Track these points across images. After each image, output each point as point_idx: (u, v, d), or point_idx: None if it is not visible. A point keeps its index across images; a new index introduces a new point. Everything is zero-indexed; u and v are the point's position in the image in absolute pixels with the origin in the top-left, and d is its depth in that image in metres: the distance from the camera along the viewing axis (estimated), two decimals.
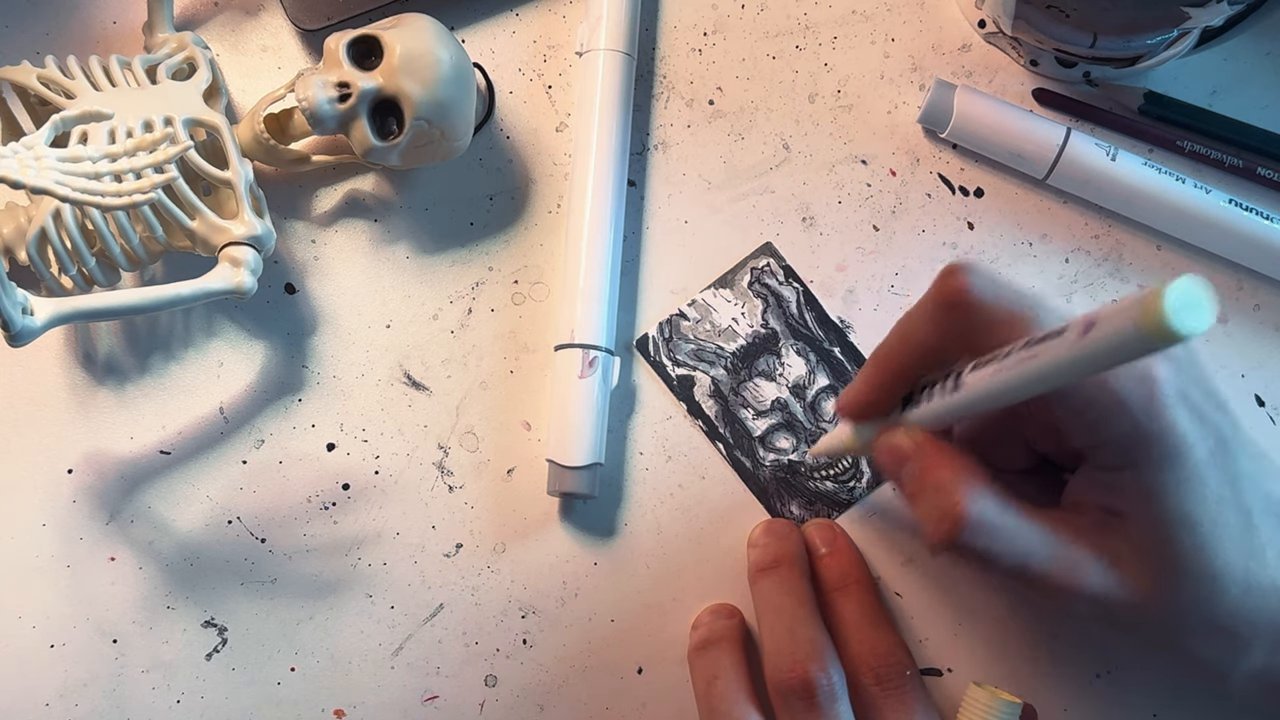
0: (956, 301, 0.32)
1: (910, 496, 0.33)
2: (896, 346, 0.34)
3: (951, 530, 0.31)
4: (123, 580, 0.41)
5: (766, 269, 0.43)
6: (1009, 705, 0.38)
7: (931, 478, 0.32)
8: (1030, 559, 0.32)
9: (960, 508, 0.31)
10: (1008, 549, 0.32)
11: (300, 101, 0.38)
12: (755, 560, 0.40)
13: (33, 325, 0.32)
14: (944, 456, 0.33)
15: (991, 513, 0.32)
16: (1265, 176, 0.43)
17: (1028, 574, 0.32)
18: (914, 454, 0.33)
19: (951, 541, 0.32)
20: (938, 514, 0.32)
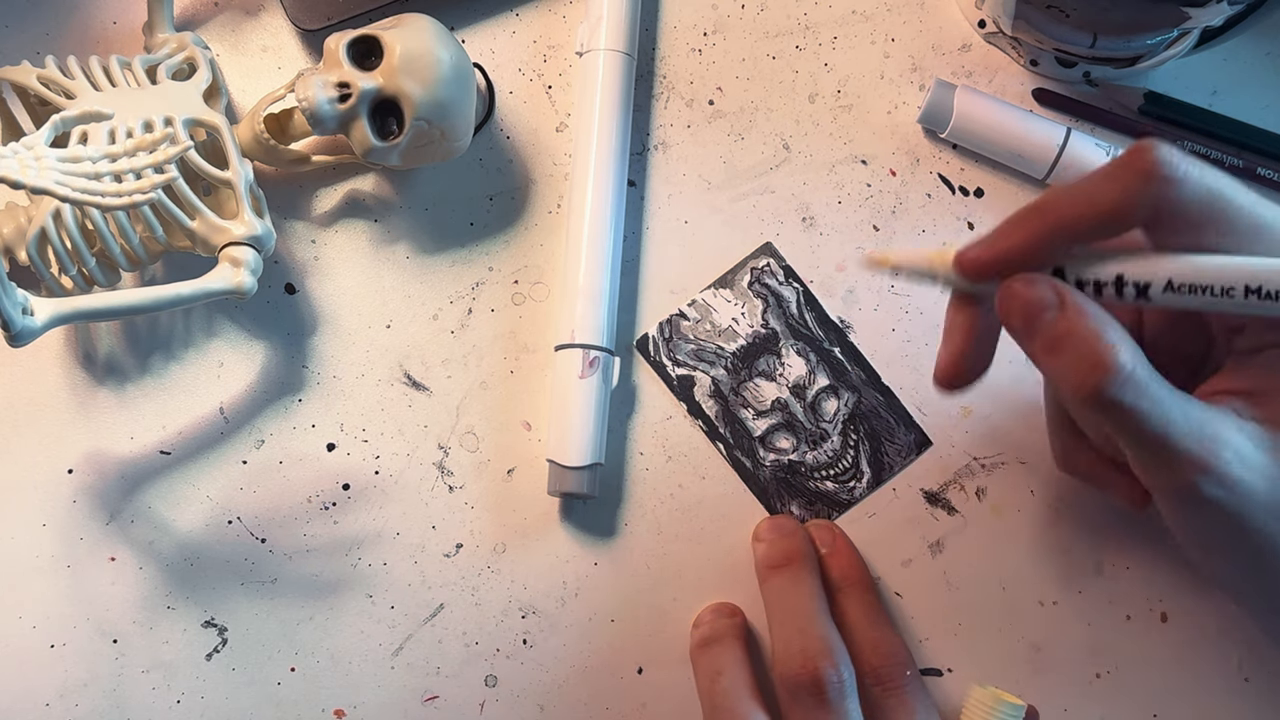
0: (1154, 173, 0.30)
1: (1046, 347, 0.31)
2: (1073, 200, 0.31)
3: (1102, 379, 0.29)
4: (123, 580, 0.41)
5: (767, 269, 0.43)
6: (1012, 707, 0.38)
7: (1080, 324, 0.30)
8: (1171, 426, 0.30)
9: (1114, 356, 0.30)
10: (1153, 410, 0.30)
11: (300, 101, 0.38)
12: (764, 557, 0.40)
13: (33, 325, 0.32)
14: (1093, 308, 0.30)
15: (1142, 370, 0.30)
16: (1265, 176, 0.43)
17: (1167, 442, 0.30)
18: (1057, 303, 0.31)
19: (1099, 391, 0.30)
20: (1087, 361, 0.30)
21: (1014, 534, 0.42)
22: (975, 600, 0.41)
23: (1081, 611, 0.41)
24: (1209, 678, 0.41)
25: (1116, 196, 0.30)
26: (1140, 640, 0.41)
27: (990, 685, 0.39)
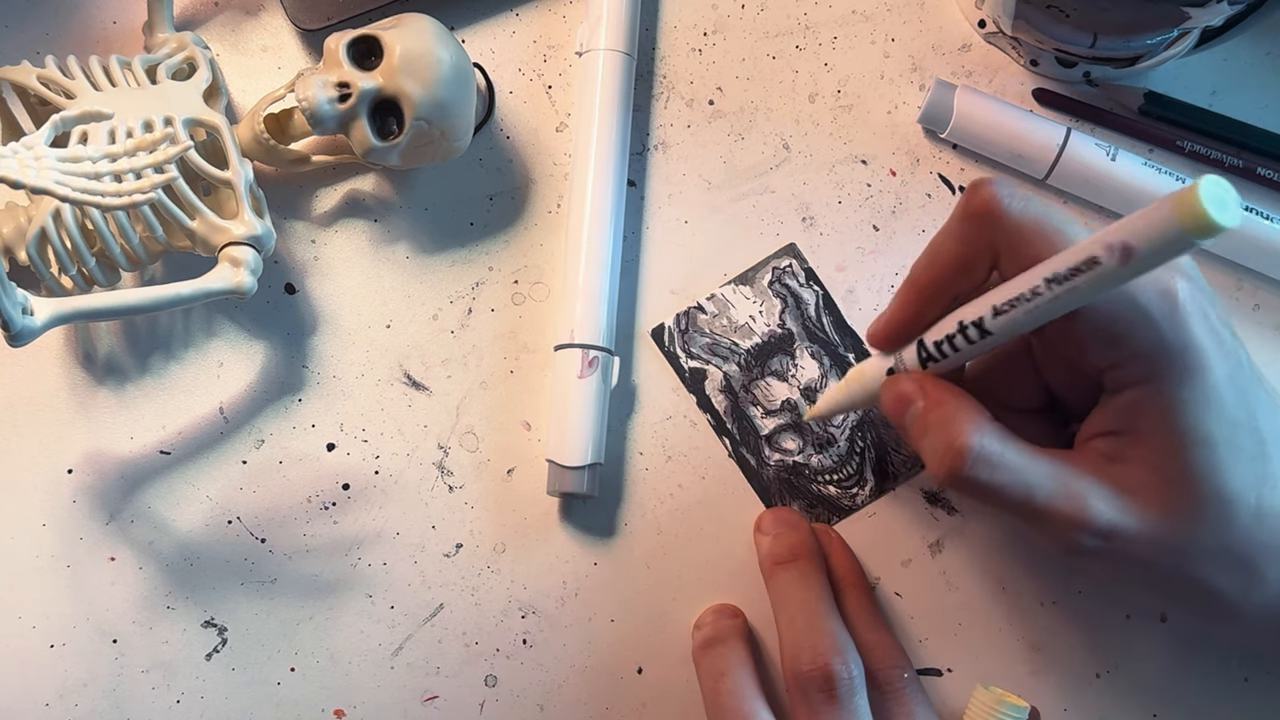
0: (984, 213, 0.32)
1: (915, 436, 0.34)
2: (927, 265, 0.34)
3: (955, 463, 0.32)
4: (123, 580, 0.41)
5: (788, 270, 0.43)
6: (1015, 708, 0.38)
7: (935, 415, 0.33)
8: (1034, 491, 0.32)
9: (963, 441, 0.32)
10: (1011, 481, 0.32)
11: (300, 101, 0.38)
12: (771, 551, 0.40)
13: (33, 325, 0.32)
14: (947, 395, 0.33)
15: (994, 446, 0.32)
16: (1265, 176, 0.43)
17: (1032, 507, 0.32)
18: (918, 395, 0.33)
19: (956, 475, 0.32)
20: (942, 448, 0.32)
21: (1014, 534, 0.42)
22: (975, 600, 0.41)
23: (1081, 611, 0.41)
24: (1209, 678, 0.41)
25: (956, 250, 0.33)
26: (1140, 640, 0.41)
27: (993, 686, 0.39)
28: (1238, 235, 0.42)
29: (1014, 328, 0.31)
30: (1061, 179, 0.42)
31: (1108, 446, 0.33)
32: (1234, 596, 0.34)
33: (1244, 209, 0.26)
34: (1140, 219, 0.27)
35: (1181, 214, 0.26)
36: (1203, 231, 0.26)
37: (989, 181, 0.32)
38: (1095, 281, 0.28)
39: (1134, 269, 0.28)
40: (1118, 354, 0.32)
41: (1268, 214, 0.42)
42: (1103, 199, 0.43)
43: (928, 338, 0.34)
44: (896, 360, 0.35)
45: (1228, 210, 0.25)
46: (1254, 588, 0.33)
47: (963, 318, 0.33)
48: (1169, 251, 0.27)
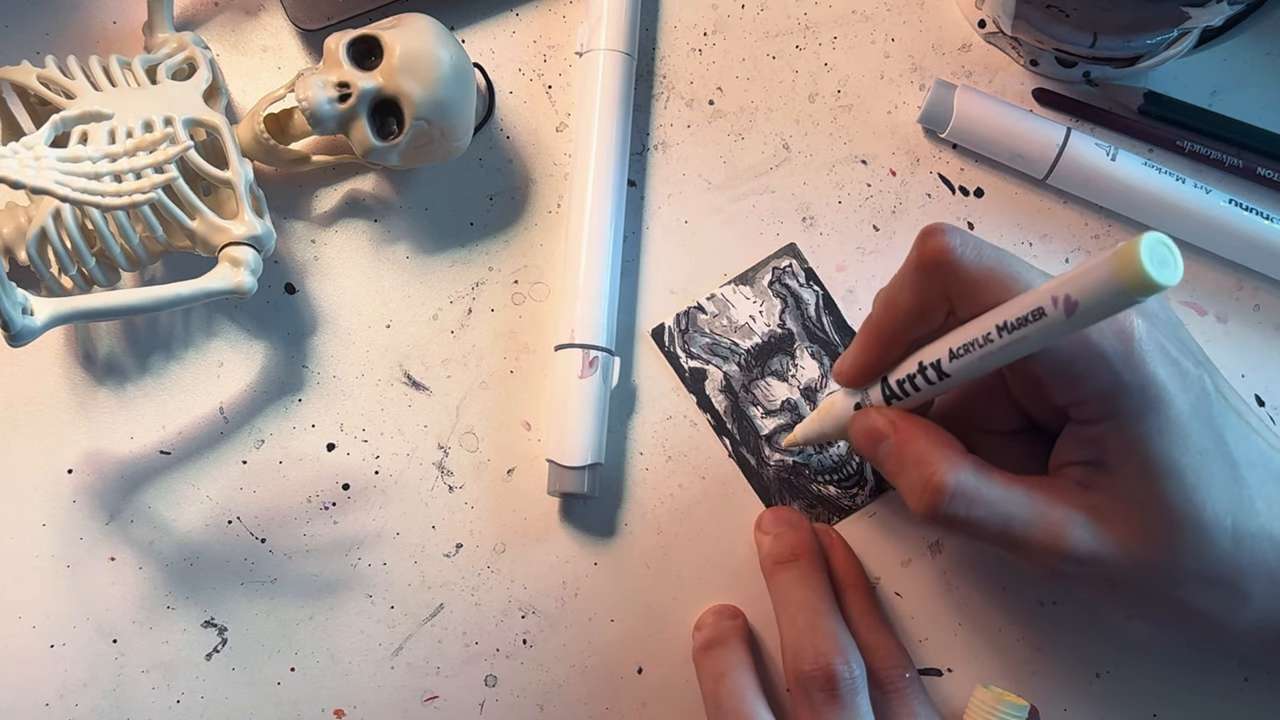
0: (937, 262, 0.32)
1: (891, 473, 0.34)
2: (883, 311, 0.34)
3: (934, 500, 0.32)
4: (123, 580, 0.41)
5: (789, 270, 0.43)
6: (1015, 707, 0.38)
7: (909, 452, 0.33)
8: (1012, 522, 0.32)
9: (938, 478, 0.32)
10: (989, 514, 0.32)
11: (300, 101, 0.38)
12: (771, 551, 0.40)
13: (33, 325, 0.32)
14: (919, 431, 0.34)
15: (970, 481, 0.32)
16: (1265, 176, 0.43)
17: (1011, 537, 0.33)
18: (889, 431, 0.34)
19: (934, 511, 0.32)
20: (919, 487, 0.33)
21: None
22: (975, 600, 0.41)
23: (1081, 611, 0.41)
24: (1209, 678, 0.41)
25: (912, 298, 0.33)
26: (1140, 640, 0.41)
27: (993, 686, 0.39)
28: (1238, 235, 0.42)
29: (970, 371, 0.32)
30: (1061, 179, 0.42)
31: (1081, 475, 0.33)
32: (1220, 617, 0.34)
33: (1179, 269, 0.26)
34: (1084, 273, 0.27)
35: (1121, 271, 0.26)
36: (1142, 289, 0.26)
37: (940, 230, 0.32)
38: (1042, 331, 0.29)
39: (1078, 322, 0.28)
40: (1077, 393, 0.32)
41: (1268, 214, 0.42)
42: (1103, 199, 0.43)
43: (891, 377, 0.35)
44: (863, 396, 0.36)
45: (1168, 268, 0.26)
46: (1240, 608, 0.34)
47: (923, 359, 0.33)
48: (1111, 306, 0.27)
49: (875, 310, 0.35)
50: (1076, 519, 0.32)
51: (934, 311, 0.33)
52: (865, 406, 0.36)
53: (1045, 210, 0.43)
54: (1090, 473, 0.33)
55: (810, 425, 0.39)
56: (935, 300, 0.33)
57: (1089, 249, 0.43)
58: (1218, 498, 0.32)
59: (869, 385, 0.36)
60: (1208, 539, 0.32)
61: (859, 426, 0.35)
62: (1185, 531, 0.32)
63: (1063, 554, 0.32)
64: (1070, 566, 0.33)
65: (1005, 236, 0.43)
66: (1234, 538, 0.32)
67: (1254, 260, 0.42)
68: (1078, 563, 0.32)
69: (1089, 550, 0.32)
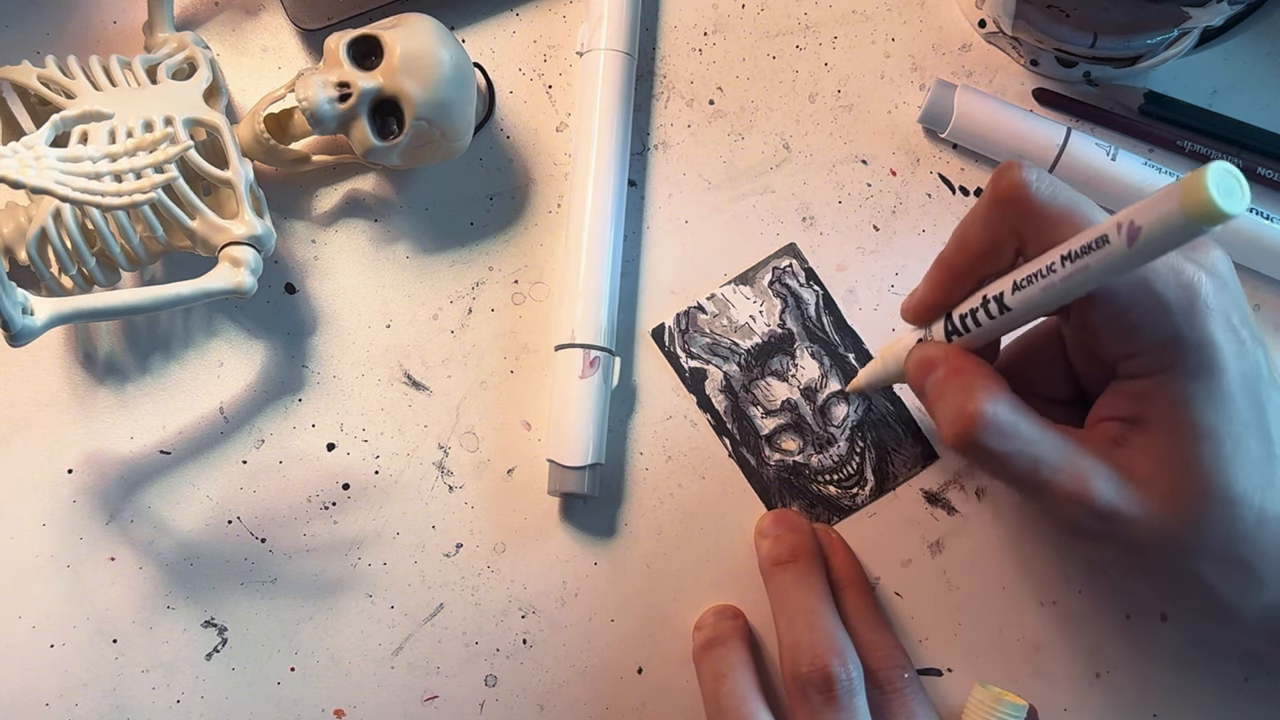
0: (1012, 198, 0.32)
1: (933, 401, 0.34)
2: (955, 247, 0.34)
3: (967, 428, 0.32)
4: (123, 580, 0.41)
5: (789, 269, 0.43)
6: (1013, 706, 0.38)
7: (953, 381, 0.33)
8: (1040, 464, 0.32)
9: (976, 406, 0.32)
10: (1019, 450, 0.32)
11: (300, 101, 0.38)
12: (770, 553, 0.40)
13: (33, 325, 0.32)
14: (967, 363, 0.33)
15: (1005, 415, 0.32)
16: (1265, 176, 0.43)
17: (1037, 479, 0.32)
18: (940, 361, 0.34)
19: (966, 438, 0.32)
20: (954, 413, 0.32)
21: (1014, 534, 0.42)
22: (975, 600, 0.41)
23: (1081, 611, 0.41)
24: (1209, 678, 0.41)
25: (984, 234, 0.33)
26: (1140, 640, 0.41)
27: (991, 685, 0.39)
28: (1238, 235, 0.42)
29: (1031, 304, 0.31)
30: (1061, 179, 0.41)
31: (1116, 430, 0.33)
32: (1231, 598, 0.34)
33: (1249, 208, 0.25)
34: (1151, 202, 0.27)
35: (1186, 199, 0.25)
36: (1208, 218, 0.25)
37: (1016, 166, 0.32)
38: (1105, 261, 0.28)
39: (1141, 251, 0.27)
40: (1133, 343, 0.32)
41: (1268, 214, 0.42)
42: (1103, 199, 0.43)
43: (955, 311, 0.35)
44: (926, 334, 0.36)
45: (1234, 197, 0.25)
46: (1252, 591, 0.33)
47: (987, 292, 0.33)
48: (1176, 236, 0.27)
49: (948, 246, 0.35)
50: (1103, 471, 0.32)
51: (1005, 248, 0.33)
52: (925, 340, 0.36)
53: None
54: (1126, 429, 0.33)
55: (874, 367, 0.39)
56: (1007, 236, 0.33)
57: None
58: (1250, 474, 0.32)
59: (933, 322, 0.36)
60: (1233, 514, 0.32)
61: (915, 357, 0.35)
62: (1212, 502, 0.32)
63: (1085, 504, 0.32)
64: (1090, 519, 0.32)
65: None
66: (1259, 518, 0.32)
67: (1254, 260, 0.42)
68: (1098, 516, 0.32)
69: (1111, 505, 0.32)
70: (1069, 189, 0.32)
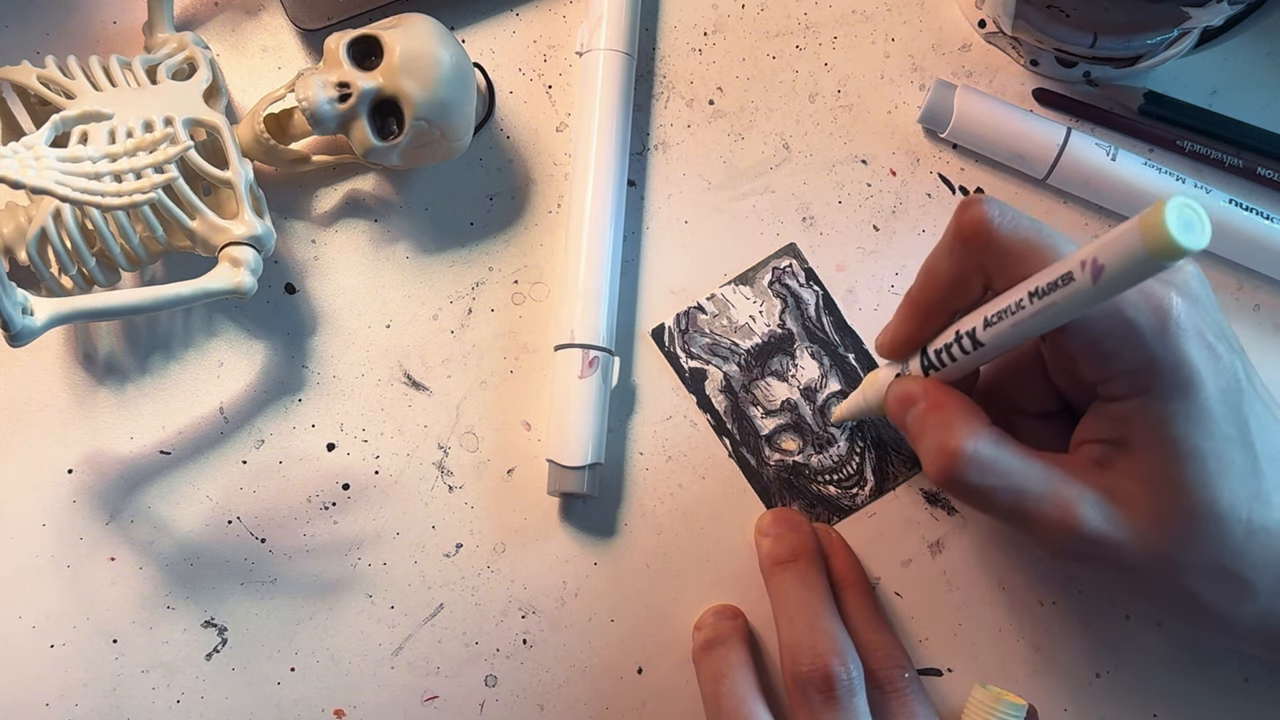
0: (976, 233, 0.32)
1: (914, 437, 0.34)
2: (923, 283, 0.35)
3: (948, 464, 0.32)
4: (123, 580, 0.41)
5: (788, 270, 0.43)
6: (1013, 706, 0.38)
7: (934, 417, 0.33)
8: (1025, 495, 0.32)
9: (956, 443, 0.32)
10: (1002, 484, 0.32)
11: (300, 101, 0.38)
12: (771, 552, 0.40)
13: (33, 325, 0.32)
14: (947, 398, 0.34)
15: (987, 449, 0.32)
16: (1265, 176, 0.43)
17: (1022, 510, 0.32)
18: (920, 397, 0.34)
19: (948, 474, 0.32)
20: (935, 450, 0.33)
21: (1014, 534, 0.41)
22: (975, 600, 0.41)
23: (1081, 611, 0.41)
24: (1209, 678, 0.41)
25: (950, 270, 0.34)
26: (1140, 640, 0.41)
27: (991, 685, 0.39)
28: (1238, 235, 0.42)
29: (1003, 340, 0.32)
30: (1061, 179, 0.42)
31: (1099, 453, 0.33)
32: (1224, 610, 0.34)
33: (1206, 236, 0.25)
34: (1113, 238, 0.27)
35: (1146, 235, 0.25)
36: (1168, 254, 0.25)
37: (979, 201, 0.32)
38: (1071, 298, 0.29)
39: (1106, 288, 0.27)
40: (1109, 368, 0.32)
41: (1268, 214, 0.42)
42: (1103, 199, 0.43)
43: (930, 347, 0.35)
44: (904, 368, 0.36)
45: (1194, 232, 0.25)
46: (1245, 601, 0.33)
47: (960, 328, 0.33)
48: (1137, 272, 0.27)
49: (914, 283, 0.35)
50: (1089, 497, 0.32)
51: (972, 282, 0.33)
52: (903, 375, 0.36)
53: (1045, 210, 0.43)
54: (1109, 451, 0.33)
55: (854, 399, 0.39)
56: (973, 271, 0.33)
57: None
58: (1235, 488, 0.32)
59: (909, 357, 0.36)
60: (1221, 529, 0.32)
61: (894, 393, 0.35)
62: (1199, 519, 0.32)
63: (1071, 532, 0.32)
64: (1078, 545, 0.32)
65: None
66: (1247, 530, 0.32)
67: (1254, 260, 0.42)
68: (1086, 542, 0.32)
69: (1098, 530, 0.32)
70: (1032, 221, 0.32)
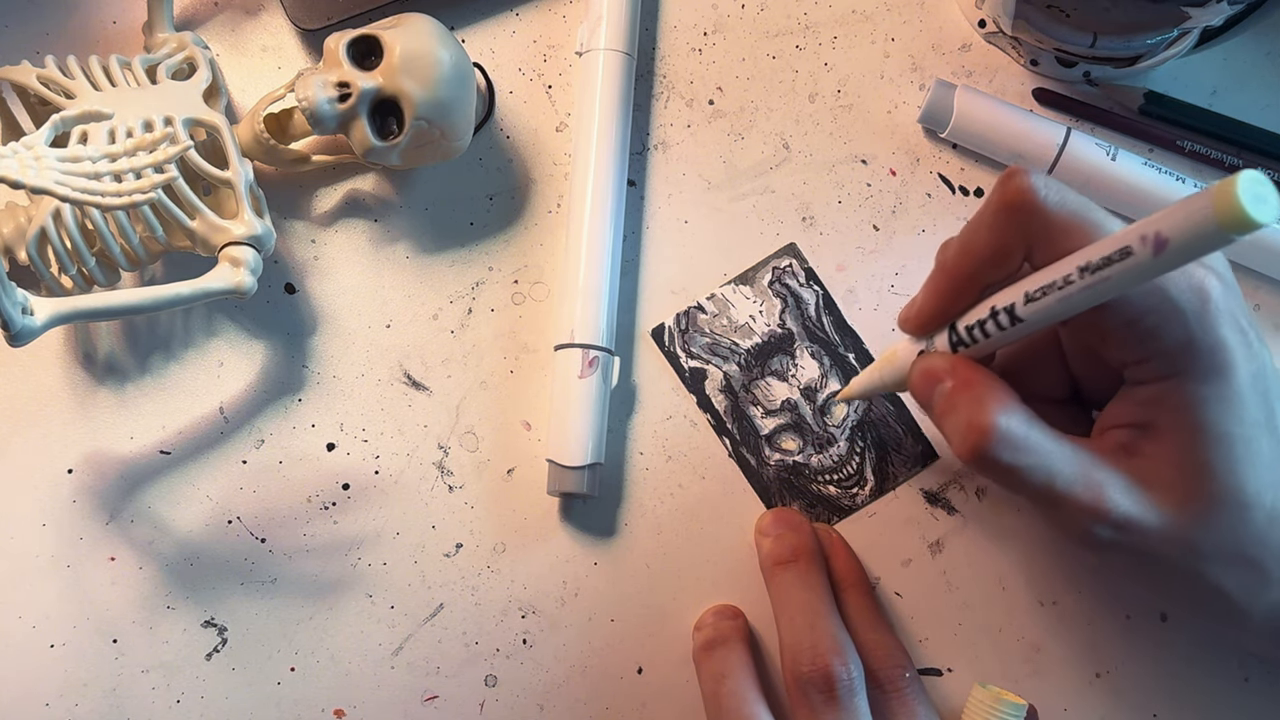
0: (1019, 204, 0.32)
1: (941, 414, 0.33)
2: (960, 254, 0.33)
3: (980, 442, 0.31)
4: (123, 580, 0.41)
5: (788, 269, 0.43)
6: (1013, 706, 0.38)
7: (963, 394, 0.32)
8: (1055, 477, 0.32)
9: (988, 419, 0.31)
10: (1033, 464, 0.31)
11: (300, 101, 0.38)
12: (771, 552, 0.40)
13: (33, 325, 0.32)
14: (976, 376, 0.33)
15: (1019, 428, 0.31)
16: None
17: (1052, 492, 0.32)
18: (947, 375, 0.33)
19: (979, 453, 0.31)
20: (965, 426, 0.32)
21: (1014, 534, 0.42)
22: (975, 600, 0.41)
23: (1081, 611, 0.41)
24: (1209, 678, 0.41)
25: (990, 241, 0.32)
26: (1140, 640, 0.41)
27: (991, 685, 0.39)
28: None
29: (1045, 315, 0.31)
30: (1061, 179, 0.42)
31: (1126, 438, 0.33)
32: (1241, 599, 0.34)
33: None
34: (1176, 211, 0.26)
35: (1218, 208, 0.25)
36: (1239, 227, 0.25)
37: (1023, 172, 0.32)
38: (1128, 272, 0.28)
39: (1167, 261, 0.27)
40: (1146, 348, 0.31)
41: None
42: (1103, 199, 0.43)
43: (960, 322, 0.34)
44: (928, 345, 0.35)
45: (1266, 206, 0.25)
46: (1262, 591, 0.33)
47: (995, 303, 0.32)
48: (1204, 246, 0.26)
49: (949, 254, 0.34)
50: (1118, 481, 0.32)
51: (1011, 256, 0.32)
52: (929, 352, 0.35)
53: None
54: (1136, 436, 0.32)
55: (869, 375, 0.38)
56: (1014, 244, 0.32)
57: None
58: (1262, 474, 0.32)
59: (935, 333, 0.35)
60: (1246, 516, 0.32)
61: (920, 369, 0.34)
62: (1225, 504, 0.32)
63: (1101, 515, 0.32)
64: (1105, 530, 0.32)
65: None
66: (1270, 517, 0.32)
67: (1254, 260, 0.42)
68: (1114, 526, 0.32)
69: (1126, 514, 0.32)
70: (1076, 194, 0.32)
